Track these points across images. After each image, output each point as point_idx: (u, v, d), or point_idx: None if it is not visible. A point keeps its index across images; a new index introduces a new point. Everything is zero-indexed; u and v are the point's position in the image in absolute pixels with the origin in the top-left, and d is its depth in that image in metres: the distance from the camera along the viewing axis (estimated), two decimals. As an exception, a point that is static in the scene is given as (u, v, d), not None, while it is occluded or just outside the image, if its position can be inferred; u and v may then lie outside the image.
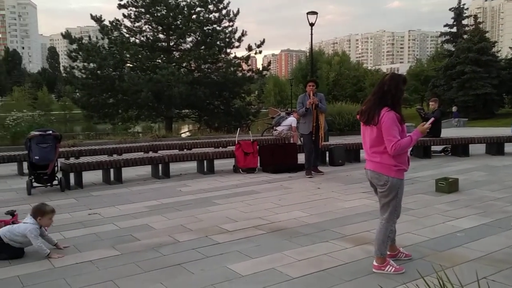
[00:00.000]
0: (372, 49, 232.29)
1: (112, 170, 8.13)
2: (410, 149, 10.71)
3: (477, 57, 31.39)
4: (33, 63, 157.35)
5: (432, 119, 4.04)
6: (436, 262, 3.90)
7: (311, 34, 19.16)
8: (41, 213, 4.38)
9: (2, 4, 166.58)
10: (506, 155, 10.35)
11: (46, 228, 4.48)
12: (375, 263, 3.76)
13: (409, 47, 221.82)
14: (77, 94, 23.20)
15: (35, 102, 60.40)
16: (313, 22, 18.71)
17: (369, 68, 68.19)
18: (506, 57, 36.55)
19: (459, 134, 12.26)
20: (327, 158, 9.58)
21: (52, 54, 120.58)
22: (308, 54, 65.30)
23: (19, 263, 4.10)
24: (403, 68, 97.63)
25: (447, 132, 12.60)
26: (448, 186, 6.68)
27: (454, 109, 30.86)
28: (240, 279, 3.69)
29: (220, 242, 4.61)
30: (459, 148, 10.41)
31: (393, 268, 3.70)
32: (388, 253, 3.84)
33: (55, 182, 7.39)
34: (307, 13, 18.71)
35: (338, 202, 6.32)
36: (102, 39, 21.88)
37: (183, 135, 21.00)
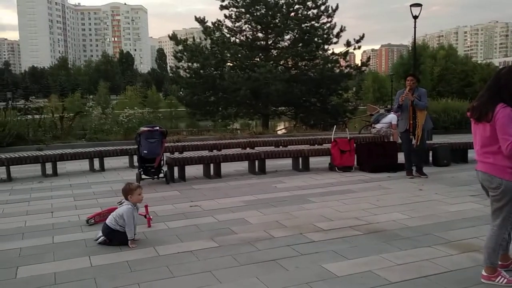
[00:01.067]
0: (482, 42, 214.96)
1: (212, 165, 8.47)
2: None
3: None
4: (144, 64, 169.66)
5: None
6: (558, 277, 3.49)
7: (415, 28, 18.21)
8: (129, 191, 4.70)
9: (118, 9, 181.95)
10: None
11: (138, 207, 4.78)
12: (484, 273, 3.46)
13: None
14: (181, 92, 24.51)
15: (145, 100, 65.00)
16: (417, 14, 17.76)
17: (479, 62, 62.96)
18: None
19: None
20: (431, 158, 9.04)
21: (160, 55, 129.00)
22: (410, 48, 62.20)
23: (128, 249, 4.43)
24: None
25: None
26: None
27: None
28: (335, 279, 3.63)
29: (315, 241, 4.58)
30: None
31: (505, 280, 3.38)
32: (500, 263, 3.51)
33: (161, 175, 7.89)
34: (411, 6, 17.82)
35: (442, 205, 5.93)
36: (205, 39, 22.85)
37: (279, 132, 21.25)
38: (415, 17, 17.82)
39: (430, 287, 3.42)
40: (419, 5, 17.82)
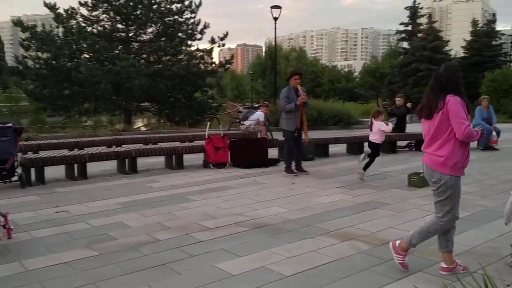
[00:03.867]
0: (326, 46, 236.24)
1: (76, 165, 7.73)
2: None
3: (431, 55, 32.56)
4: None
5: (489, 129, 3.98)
6: (426, 257, 3.92)
7: (275, 28, 19.14)
8: None
9: None
10: (467, 150, 10.69)
11: None
12: (443, 265, 3.57)
13: (362, 45, 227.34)
14: (25, 83, 21.87)
15: (-21, 93, 57.03)
16: (277, 16, 18.67)
17: (327, 64, 69.15)
18: (455, 56, 38.11)
19: (421, 130, 12.55)
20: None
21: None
22: (264, 48, 65.45)
23: (-13, 266, 3.76)
24: (357, 65, 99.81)
25: (407, 128, 12.83)
26: (420, 180, 6.78)
27: (408, 105, 31.82)
28: (231, 278, 3.54)
29: (203, 240, 4.44)
30: (423, 143, 10.64)
31: (461, 267, 3.58)
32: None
33: (15, 178, 6.94)
34: (271, 7, 18.65)
35: (316, 197, 6.28)
36: (57, 27, 20.84)
37: (142, 128, 20.46)
38: (276, 19, 18.70)
39: (323, 277, 3.54)
40: (279, 7, 18.76)
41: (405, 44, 40.77)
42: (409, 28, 37.80)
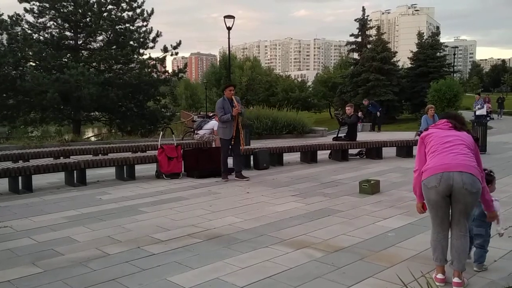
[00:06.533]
0: (280, 56, 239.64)
1: (20, 178, 7.38)
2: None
3: (380, 65, 33.55)
4: None
5: None
6: (376, 263, 4.00)
7: (229, 38, 19.16)
8: None
9: None
10: (415, 157, 11.10)
11: None
12: (458, 280, 3.46)
13: (314, 55, 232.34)
14: None
15: None
16: (230, 26, 18.72)
17: (280, 73, 70.02)
18: (403, 67, 39.61)
19: (371, 138, 12.92)
20: (252, 162, 9.57)
21: None
22: (219, 58, 65.47)
23: None
24: (310, 75, 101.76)
25: (358, 136, 13.19)
26: (371, 187, 6.96)
27: (359, 114, 32.56)
28: (184, 292, 3.47)
29: (155, 253, 4.34)
30: (373, 151, 10.98)
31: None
32: (439, 277, 3.60)
33: (-48, 192, 6.54)
34: (225, 17, 18.69)
35: (270, 206, 6.29)
36: (1, 34, 19.95)
37: (92, 139, 19.87)
38: (229, 28, 18.75)
39: (276, 287, 3.54)
40: (232, 17, 18.82)
41: (355, 55, 41.93)
42: (359, 39, 38.90)
